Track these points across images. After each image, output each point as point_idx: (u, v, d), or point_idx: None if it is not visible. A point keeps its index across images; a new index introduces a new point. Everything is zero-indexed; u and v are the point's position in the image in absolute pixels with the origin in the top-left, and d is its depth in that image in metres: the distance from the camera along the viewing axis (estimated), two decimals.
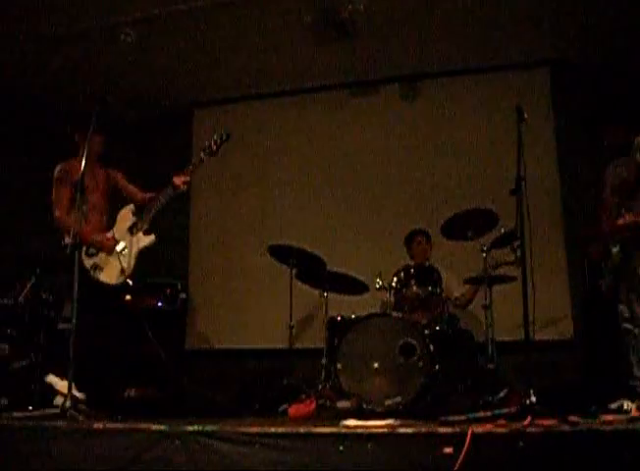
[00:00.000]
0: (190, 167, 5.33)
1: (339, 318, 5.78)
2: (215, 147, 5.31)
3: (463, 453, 3.11)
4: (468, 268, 6.17)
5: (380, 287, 5.66)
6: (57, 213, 5.16)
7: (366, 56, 7.64)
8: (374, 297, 6.17)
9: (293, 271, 6.27)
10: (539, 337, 4.45)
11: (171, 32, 7.06)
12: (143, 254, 5.17)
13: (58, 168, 5.30)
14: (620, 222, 4.66)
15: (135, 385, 6.40)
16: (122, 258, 5.07)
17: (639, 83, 7.25)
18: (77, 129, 5.33)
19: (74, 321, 4.43)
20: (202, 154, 5.32)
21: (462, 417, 3.81)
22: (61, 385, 4.84)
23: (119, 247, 5.13)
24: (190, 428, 3.61)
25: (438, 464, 3.17)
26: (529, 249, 4.25)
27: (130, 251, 5.09)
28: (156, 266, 7.35)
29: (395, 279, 5.59)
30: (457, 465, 3.09)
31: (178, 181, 5.23)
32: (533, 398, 3.75)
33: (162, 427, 3.71)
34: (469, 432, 3.17)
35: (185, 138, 8.63)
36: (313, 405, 5.18)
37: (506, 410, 3.92)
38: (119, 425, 3.84)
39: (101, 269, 5.07)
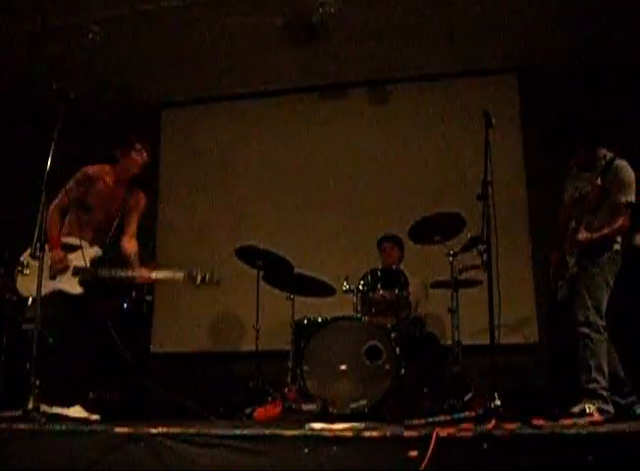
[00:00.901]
0: (155, 273, 5.02)
1: (305, 321, 5.77)
2: (199, 281, 4.97)
3: (428, 456, 3.11)
4: (435, 272, 6.19)
5: (347, 289, 5.67)
6: (52, 206, 4.93)
7: (336, 59, 7.65)
8: (341, 300, 6.17)
9: (260, 273, 6.26)
10: (504, 340, 4.47)
11: (139, 32, 7.01)
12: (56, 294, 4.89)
13: (85, 171, 5.15)
14: (579, 238, 4.74)
15: (100, 387, 6.34)
16: (45, 281, 4.67)
17: (605, 91, 7.36)
18: (123, 148, 5.26)
19: (37, 321, 4.38)
20: (185, 276, 4.96)
21: (427, 420, 3.83)
22: (73, 411, 4.72)
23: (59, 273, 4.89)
24: (155, 430, 3.58)
25: (403, 467, 3.17)
26: (495, 253, 4.28)
27: (54, 283, 4.84)
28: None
29: (361, 282, 5.59)
30: (422, 468, 3.10)
31: (142, 274, 5.01)
32: (498, 402, 3.78)
33: (126, 429, 3.67)
34: (434, 435, 3.17)
35: (152, 137, 8.57)
36: (279, 408, 5.18)
37: (470, 413, 3.94)
38: (82, 427, 3.80)
39: (26, 272, 4.81)
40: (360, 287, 5.57)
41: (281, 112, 8.36)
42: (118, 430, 3.66)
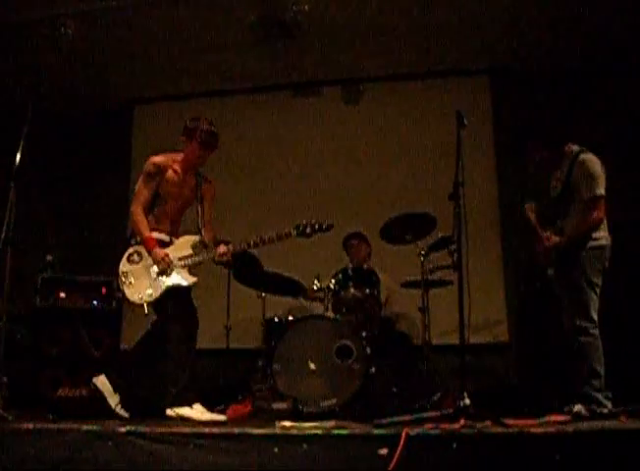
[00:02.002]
0: (243, 245, 4.95)
1: (276, 319, 5.77)
2: (310, 231, 4.92)
3: (397, 454, 3.13)
4: (406, 271, 6.21)
5: (318, 288, 5.67)
6: (133, 207, 4.87)
7: (310, 57, 7.65)
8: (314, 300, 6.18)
9: (231, 271, 6.25)
10: (474, 340, 4.51)
11: (111, 27, 6.94)
12: (171, 288, 4.83)
13: (152, 161, 4.93)
14: (546, 245, 4.78)
15: (68, 384, 6.29)
16: (154, 282, 4.78)
17: (577, 92, 7.44)
18: (191, 131, 5.01)
19: (4, 318, 4.35)
20: (292, 231, 4.92)
21: (397, 419, 3.84)
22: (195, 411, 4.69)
23: (167, 270, 4.80)
24: (123, 428, 3.56)
25: (372, 465, 3.18)
26: (466, 253, 4.30)
27: (165, 281, 4.79)
28: (91, 263, 7.25)
29: (332, 281, 5.57)
30: (392, 466, 3.11)
31: (222, 250, 4.89)
32: (467, 401, 3.79)
33: (94, 427, 3.65)
34: (404, 433, 3.19)
35: (124, 134, 8.54)
36: (249, 406, 5.17)
37: (440, 413, 3.96)
38: (50, 425, 3.77)
39: (130, 281, 4.79)
40: (331, 285, 5.56)
41: (253, 110, 8.34)
42: (86, 428, 3.64)
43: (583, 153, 4.73)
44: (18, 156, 4.62)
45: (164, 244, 4.92)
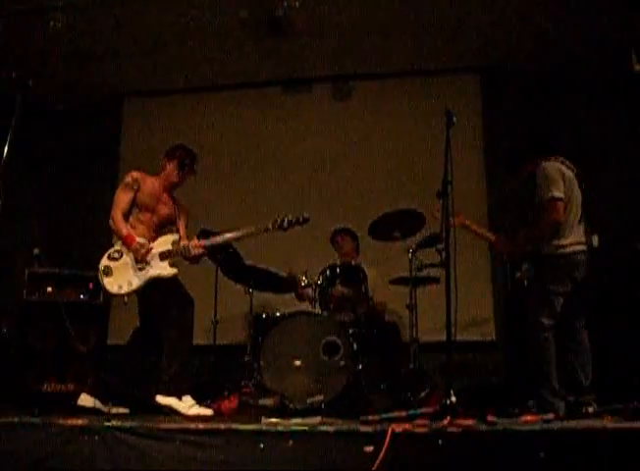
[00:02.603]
0: (214, 241, 5.22)
1: (263, 315, 5.76)
2: (287, 225, 5.13)
3: (383, 452, 3.14)
4: (394, 269, 6.22)
5: (305, 284, 5.67)
6: (113, 213, 5.07)
7: (300, 54, 7.64)
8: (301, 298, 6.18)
9: (219, 267, 6.24)
10: (461, 337, 4.50)
11: (101, 20, 6.91)
12: (151, 279, 4.98)
13: (132, 174, 5.24)
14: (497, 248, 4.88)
15: (55, 379, 6.28)
16: (135, 274, 4.98)
17: (567, 92, 7.47)
18: (168, 155, 5.39)
19: None
20: (269, 225, 5.17)
21: (383, 416, 3.85)
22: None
23: (148, 258, 4.99)
24: (109, 423, 3.57)
25: (358, 462, 3.19)
26: (453, 251, 4.31)
27: (146, 272, 4.97)
28: (78, 258, 7.21)
29: (320, 277, 5.57)
30: (377, 463, 3.12)
31: (192, 245, 5.08)
32: (453, 398, 3.80)
33: (80, 422, 3.65)
34: (389, 431, 3.20)
35: (113, 127, 8.52)
36: (235, 403, 5.17)
37: (426, 410, 3.97)
38: (36, 419, 3.76)
39: (109, 274, 4.98)
40: (319, 282, 5.56)
41: (244, 105, 8.33)
42: (71, 422, 3.64)
43: (544, 162, 4.76)
44: (5, 149, 4.59)
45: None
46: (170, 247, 5.06)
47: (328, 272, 5.60)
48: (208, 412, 4.67)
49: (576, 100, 7.43)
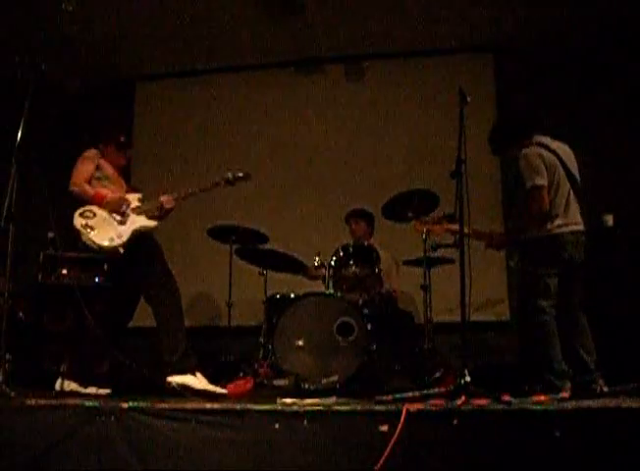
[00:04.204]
0: (183, 193, 5.23)
1: (278, 296, 5.76)
2: (232, 180, 5.40)
3: (398, 431, 3.14)
4: (408, 249, 6.21)
5: (318, 265, 5.67)
6: (75, 180, 5.07)
7: (313, 34, 7.61)
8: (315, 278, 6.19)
9: (233, 248, 6.25)
10: (475, 318, 4.51)
11: (112, 3, 6.91)
12: (138, 231, 4.96)
13: (92, 151, 5.25)
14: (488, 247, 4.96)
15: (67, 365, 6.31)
16: (119, 228, 4.91)
17: (580, 72, 7.41)
18: (102, 139, 5.37)
19: (6, 295, 4.36)
20: (218, 179, 5.36)
21: (398, 396, 3.85)
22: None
23: (127, 210, 4.98)
24: (125, 404, 3.58)
25: (373, 442, 3.20)
26: (466, 235, 4.30)
27: (130, 225, 4.93)
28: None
29: (333, 258, 5.56)
30: (392, 442, 3.12)
31: (164, 199, 5.11)
32: (468, 378, 3.81)
33: (96, 403, 3.67)
34: (404, 410, 3.20)
35: (126, 111, 8.52)
36: (251, 383, 5.19)
37: (441, 390, 3.98)
38: (52, 401, 3.78)
39: (93, 229, 4.85)
40: (332, 262, 5.55)
41: (256, 86, 8.31)
42: (88, 404, 3.66)
43: (525, 149, 4.72)
44: (19, 132, 4.61)
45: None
46: (139, 203, 5.07)
47: (341, 252, 5.59)
48: (222, 391, 4.67)
49: (591, 78, 7.37)
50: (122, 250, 4.84)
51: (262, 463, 3.31)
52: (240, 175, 5.46)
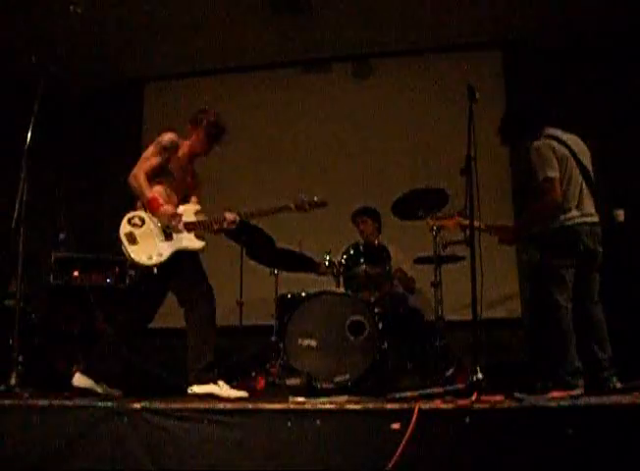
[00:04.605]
0: (250, 213, 4.96)
1: (289, 295, 5.77)
2: (307, 207, 5.04)
3: (410, 429, 3.14)
4: (418, 247, 6.20)
5: (329, 264, 5.66)
6: (137, 171, 4.65)
7: (320, 33, 7.61)
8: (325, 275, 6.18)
9: (244, 248, 6.25)
10: (487, 315, 4.49)
11: (120, 4, 6.93)
12: (180, 250, 4.71)
13: (170, 136, 4.79)
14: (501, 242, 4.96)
15: (82, 362, 6.34)
16: (162, 243, 4.63)
17: (590, 68, 7.38)
18: (198, 122, 4.91)
19: (19, 297, 4.38)
20: (291, 205, 5.03)
21: (410, 394, 3.85)
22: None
23: (177, 229, 4.68)
24: (138, 405, 3.60)
25: (385, 440, 3.20)
26: (479, 229, 4.29)
27: (175, 242, 4.66)
28: (103, 242, 7.26)
29: (344, 256, 5.57)
30: (405, 440, 3.12)
31: (230, 217, 4.84)
32: (480, 376, 3.79)
33: (109, 404, 3.68)
34: (416, 408, 3.20)
35: (135, 112, 8.54)
36: (263, 383, 5.20)
37: (453, 387, 3.97)
38: (66, 402, 3.80)
39: (134, 242, 4.57)
40: (343, 261, 5.56)
41: (264, 86, 8.32)
42: (101, 404, 3.67)
43: (536, 141, 4.70)
44: (29, 134, 4.62)
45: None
46: (194, 218, 4.79)
47: (351, 251, 5.59)
48: (245, 394, 4.50)
49: (600, 74, 7.34)
50: (155, 270, 4.61)
51: (274, 462, 3.32)
52: (316, 200, 5.06)
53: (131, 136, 8.41)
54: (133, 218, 4.65)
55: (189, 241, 4.72)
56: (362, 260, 5.53)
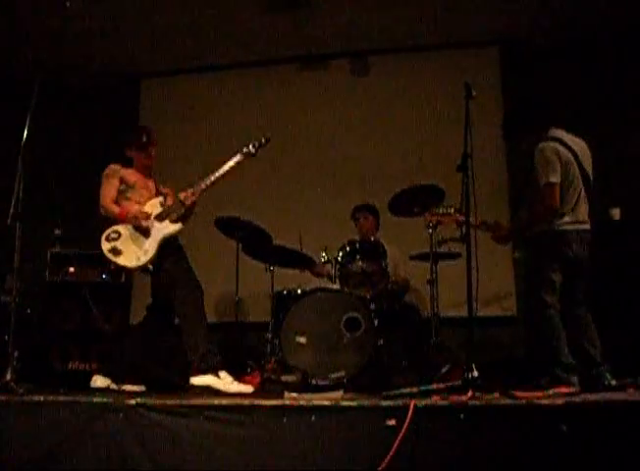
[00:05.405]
0: (202, 185, 5.22)
1: (285, 292, 5.77)
2: (254, 151, 5.43)
3: (406, 425, 3.15)
4: (414, 244, 6.20)
5: (325, 261, 5.67)
6: (103, 201, 5.06)
7: (317, 30, 7.59)
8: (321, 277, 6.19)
9: (240, 244, 6.25)
10: (482, 312, 4.50)
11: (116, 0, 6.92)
12: (163, 240, 4.98)
13: (110, 167, 5.23)
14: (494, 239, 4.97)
15: (79, 358, 6.34)
16: (145, 242, 4.92)
17: (587, 66, 7.39)
18: (126, 144, 5.33)
19: (14, 293, 4.38)
20: (239, 156, 5.40)
21: (405, 391, 3.85)
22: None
23: (148, 223, 4.98)
24: (134, 401, 3.60)
25: (380, 436, 3.20)
26: (474, 226, 4.29)
27: (155, 236, 4.94)
28: (99, 238, 7.25)
29: (340, 253, 5.57)
30: (400, 437, 3.13)
31: (182, 196, 5.10)
32: (475, 373, 3.80)
33: (105, 399, 3.68)
34: (412, 405, 3.21)
35: (131, 108, 8.52)
36: (258, 379, 5.20)
37: (448, 384, 3.98)
38: (61, 397, 3.80)
39: (119, 253, 4.87)
40: (339, 258, 5.56)
41: (261, 82, 8.30)
42: (96, 400, 3.67)
43: (542, 142, 4.69)
44: (25, 130, 4.62)
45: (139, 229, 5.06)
46: (160, 208, 5.09)
47: (347, 248, 5.59)
48: (249, 389, 4.62)
49: (596, 71, 7.35)
50: (151, 267, 4.93)
51: (270, 458, 3.32)
52: (263, 141, 5.47)
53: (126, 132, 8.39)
54: (108, 235, 4.96)
55: (167, 229, 5.03)
56: (358, 257, 5.53)
